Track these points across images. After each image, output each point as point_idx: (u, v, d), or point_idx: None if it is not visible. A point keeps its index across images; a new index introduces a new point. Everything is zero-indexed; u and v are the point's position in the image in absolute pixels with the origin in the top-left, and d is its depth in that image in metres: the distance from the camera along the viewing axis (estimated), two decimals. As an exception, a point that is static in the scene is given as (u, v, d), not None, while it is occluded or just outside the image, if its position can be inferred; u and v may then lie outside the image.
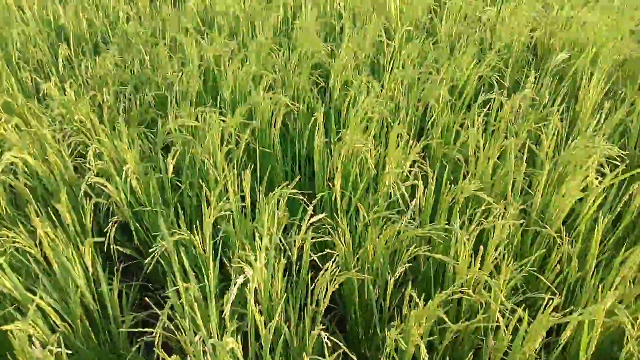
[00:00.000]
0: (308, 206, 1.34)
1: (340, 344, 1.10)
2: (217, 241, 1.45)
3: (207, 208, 1.27)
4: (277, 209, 1.37)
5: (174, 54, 2.16)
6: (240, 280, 1.05)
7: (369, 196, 1.49)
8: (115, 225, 1.44)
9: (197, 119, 1.72)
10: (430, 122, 1.77)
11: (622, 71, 2.03)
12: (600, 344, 1.26)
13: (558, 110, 1.64)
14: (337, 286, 1.19)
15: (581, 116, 1.66)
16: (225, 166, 1.50)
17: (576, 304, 1.28)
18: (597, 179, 1.39)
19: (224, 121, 1.65)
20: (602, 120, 1.64)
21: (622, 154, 1.47)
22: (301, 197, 1.44)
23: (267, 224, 1.25)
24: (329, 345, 1.05)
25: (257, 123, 1.75)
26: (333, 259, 1.19)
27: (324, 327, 1.58)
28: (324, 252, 1.23)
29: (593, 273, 1.26)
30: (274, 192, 1.38)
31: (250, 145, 1.85)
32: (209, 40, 2.20)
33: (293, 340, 1.23)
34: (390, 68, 1.89)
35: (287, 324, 1.27)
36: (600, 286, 1.18)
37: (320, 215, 1.33)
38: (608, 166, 1.45)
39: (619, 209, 1.42)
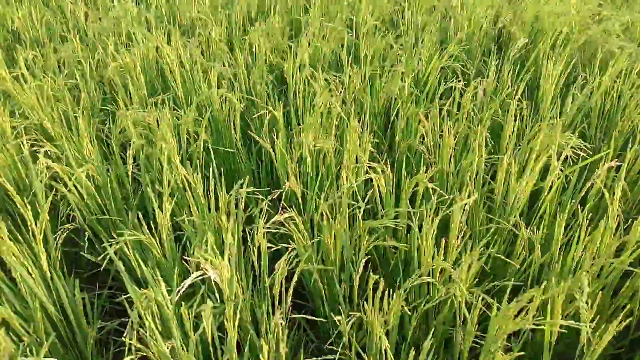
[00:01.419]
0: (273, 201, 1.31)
1: None
2: (181, 242, 1.41)
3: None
4: (238, 205, 1.34)
5: (129, 50, 2.11)
6: (193, 276, 1.01)
7: (331, 192, 1.47)
8: (69, 230, 1.39)
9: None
10: (394, 114, 1.75)
11: (582, 55, 2.04)
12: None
13: (520, 100, 1.64)
14: (295, 279, 1.16)
15: (543, 103, 1.66)
16: (179, 164, 1.46)
17: (544, 290, 1.27)
18: (561, 169, 1.39)
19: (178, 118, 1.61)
20: (563, 106, 1.65)
21: (584, 144, 1.47)
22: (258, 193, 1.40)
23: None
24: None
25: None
26: (288, 252, 1.17)
27: (292, 324, 1.56)
28: (278, 247, 1.20)
29: (558, 258, 1.26)
30: (233, 189, 1.35)
31: (212, 146, 1.81)
32: (165, 38, 2.16)
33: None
34: (353, 62, 1.87)
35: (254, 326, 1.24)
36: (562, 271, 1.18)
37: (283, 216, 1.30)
38: (570, 152, 1.45)
39: (582, 194, 1.42)
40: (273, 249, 1.32)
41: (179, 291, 0.96)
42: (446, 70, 2.02)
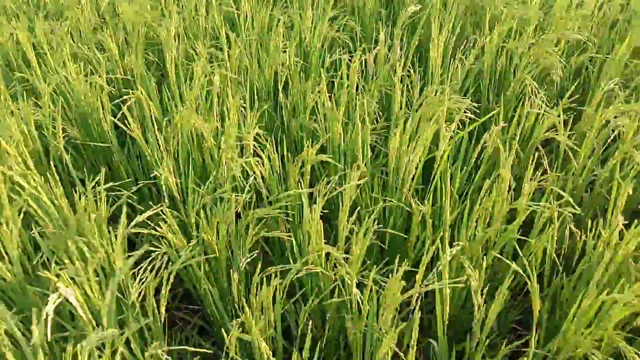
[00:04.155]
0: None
1: None
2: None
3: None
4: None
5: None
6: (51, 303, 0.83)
7: (210, 179, 1.32)
8: None
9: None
10: (281, 90, 1.62)
11: (470, 17, 2.00)
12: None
13: (410, 66, 1.56)
14: (167, 283, 1.02)
15: (432, 68, 1.59)
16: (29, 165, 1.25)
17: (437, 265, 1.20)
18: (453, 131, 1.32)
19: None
20: (452, 70, 1.59)
21: (475, 108, 1.41)
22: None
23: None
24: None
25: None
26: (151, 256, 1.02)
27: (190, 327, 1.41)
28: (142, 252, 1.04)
29: (449, 229, 1.19)
30: (89, 186, 1.17)
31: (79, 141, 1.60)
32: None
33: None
34: (234, 34, 1.70)
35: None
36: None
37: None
38: (461, 118, 1.38)
39: (473, 161, 1.36)
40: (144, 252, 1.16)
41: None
42: (339, 40, 1.91)
